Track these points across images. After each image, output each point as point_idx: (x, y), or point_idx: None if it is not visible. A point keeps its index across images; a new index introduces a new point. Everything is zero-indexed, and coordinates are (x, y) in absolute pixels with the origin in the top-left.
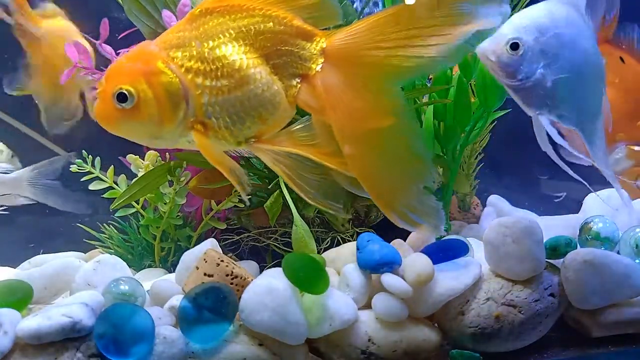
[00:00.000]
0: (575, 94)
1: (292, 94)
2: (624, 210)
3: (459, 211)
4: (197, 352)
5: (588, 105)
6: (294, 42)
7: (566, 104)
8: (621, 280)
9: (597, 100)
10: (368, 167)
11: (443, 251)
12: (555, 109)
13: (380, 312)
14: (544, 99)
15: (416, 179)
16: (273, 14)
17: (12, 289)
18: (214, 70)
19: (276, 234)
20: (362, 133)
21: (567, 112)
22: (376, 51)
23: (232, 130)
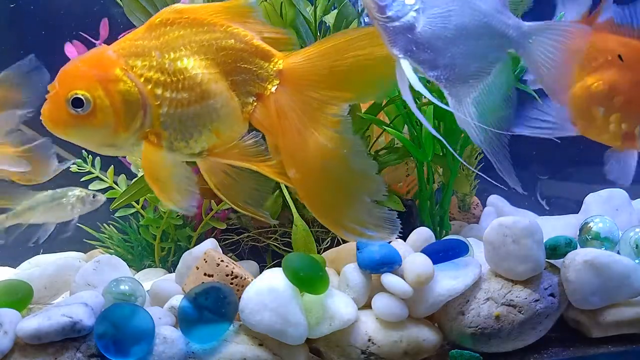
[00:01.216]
0: (449, 49)
1: (247, 111)
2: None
3: (459, 211)
4: (197, 352)
5: (461, 64)
6: (253, 60)
7: (434, 55)
8: (621, 280)
9: (475, 63)
10: (313, 188)
11: (443, 251)
12: (420, 56)
13: (380, 312)
14: (410, 43)
15: (362, 194)
16: (234, 31)
17: (12, 289)
18: (174, 82)
19: (276, 234)
20: (308, 156)
21: (432, 64)
22: (331, 75)
23: (187, 142)
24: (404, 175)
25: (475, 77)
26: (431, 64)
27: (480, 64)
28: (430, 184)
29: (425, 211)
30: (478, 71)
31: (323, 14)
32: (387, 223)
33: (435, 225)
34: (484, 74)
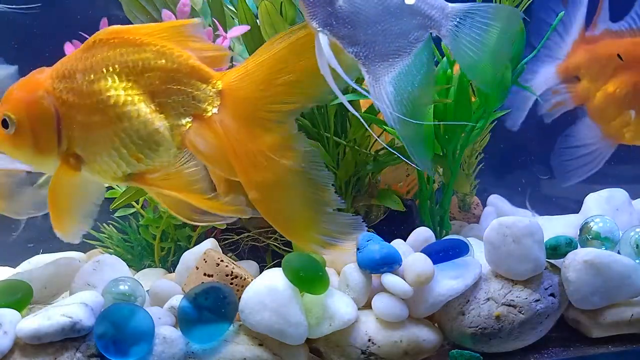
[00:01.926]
0: (369, 26)
1: (179, 134)
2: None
3: (459, 211)
4: (197, 352)
5: (381, 42)
6: (188, 81)
7: (354, 31)
8: (621, 280)
9: (396, 42)
10: (274, 207)
11: (443, 251)
12: (339, 31)
13: (380, 312)
14: (330, 17)
15: (323, 205)
16: (167, 52)
17: (12, 289)
18: (87, 105)
19: (276, 234)
20: (264, 175)
21: (352, 40)
22: (273, 87)
23: (109, 166)
24: (404, 175)
25: (395, 56)
26: (351, 39)
27: (400, 43)
28: (430, 184)
29: (425, 211)
30: (398, 50)
31: None
32: (352, 228)
33: (436, 225)
34: (404, 54)
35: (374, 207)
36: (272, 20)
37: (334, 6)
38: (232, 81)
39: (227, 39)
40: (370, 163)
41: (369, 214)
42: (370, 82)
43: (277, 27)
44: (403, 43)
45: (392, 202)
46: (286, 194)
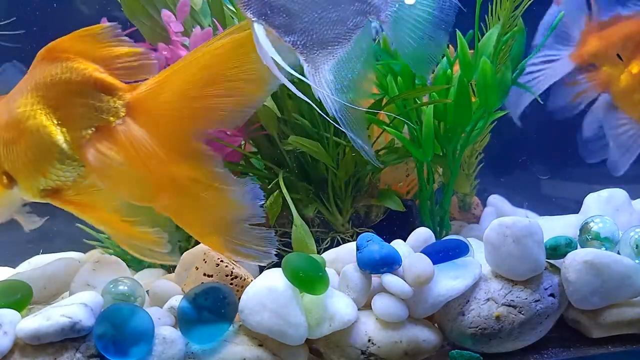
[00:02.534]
0: (306, 14)
1: (81, 146)
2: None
3: (459, 211)
4: (197, 353)
5: (319, 30)
6: (91, 94)
7: (290, 19)
8: (621, 281)
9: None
10: (187, 217)
11: (443, 251)
12: (275, 20)
13: (380, 312)
14: (265, 7)
15: (239, 220)
16: (75, 66)
17: (12, 289)
18: (8, 122)
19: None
20: (175, 184)
21: (288, 29)
22: (181, 102)
23: (28, 182)
24: (404, 175)
25: (334, 43)
26: (287, 28)
27: (339, 30)
28: (430, 184)
29: (425, 211)
30: (337, 37)
31: None
32: (266, 242)
33: (436, 226)
34: (343, 41)
35: (374, 207)
36: None
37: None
38: (141, 93)
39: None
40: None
41: (369, 214)
42: (309, 71)
43: None
44: (342, 30)
45: (392, 202)
46: (199, 207)
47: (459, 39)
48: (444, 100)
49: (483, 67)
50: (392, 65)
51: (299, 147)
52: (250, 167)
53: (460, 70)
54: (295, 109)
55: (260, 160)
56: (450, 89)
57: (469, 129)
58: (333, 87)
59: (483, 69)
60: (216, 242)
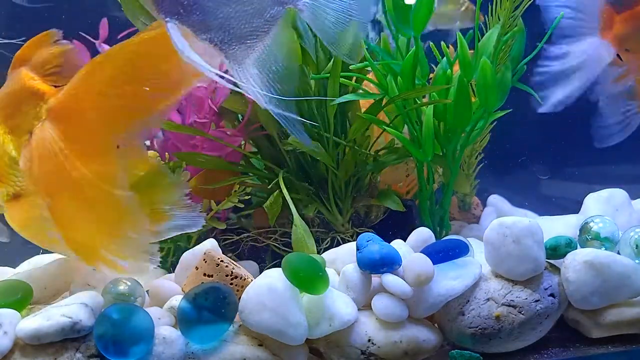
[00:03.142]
0: (220, 9)
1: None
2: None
3: (459, 211)
4: (197, 353)
5: (236, 24)
6: (30, 101)
7: (205, 16)
8: (621, 281)
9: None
10: (70, 220)
11: (443, 251)
12: (189, 19)
13: (380, 312)
14: (177, 6)
15: (126, 229)
16: (19, 75)
17: (12, 289)
18: None
19: (276, 234)
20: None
21: (204, 26)
22: (98, 102)
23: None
24: (404, 175)
25: (253, 37)
26: (202, 26)
27: (257, 23)
28: (430, 184)
29: (425, 211)
30: (255, 30)
31: None
32: (145, 254)
33: (435, 225)
34: (262, 33)
35: (374, 207)
36: None
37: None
38: (61, 95)
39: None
40: (370, 163)
41: (369, 214)
42: (232, 67)
43: None
44: (259, 23)
45: (392, 202)
46: (88, 211)
47: (459, 39)
48: (444, 101)
49: (483, 67)
50: (392, 65)
51: (299, 147)
52: (250, 167)
53: (460, 70)
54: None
55: (260, 160)
56: (450, 89)
57: (468, 129)
58: (259, 80)
59: (483, 69)
60: (94, 252)
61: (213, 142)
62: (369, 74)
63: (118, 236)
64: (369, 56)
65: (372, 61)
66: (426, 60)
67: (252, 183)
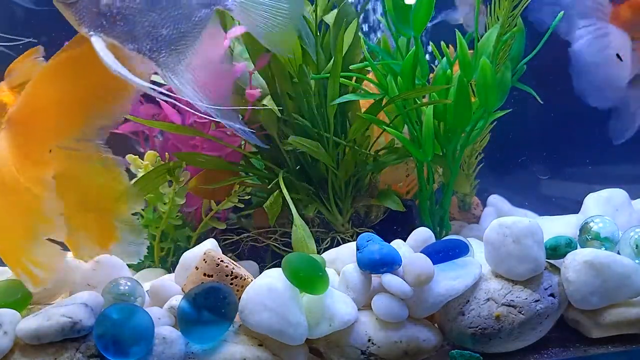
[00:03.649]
0: (145, 18)
1: None
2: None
3: (459, 211)
4: (197, 353)
5: (163, 31)
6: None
7: (129, 27)
8: (621, 281)
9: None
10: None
11: (443, 251)
12: (113, 30)
13: (380, 312)
14: (100, 19)
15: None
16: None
17: (12, 289)
18: None
19: (276, 234)
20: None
21: (129, 37)
22: (44, 112)
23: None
24: (404, 175)
25: (182, 41)
26: (128, 36)
27: (185, 27)
28: (430, 184)
29: (425, 211)
30: (184, 35)
31: (323, 14)
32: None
33: (435, 225)
34: (192, 37)
35: (374, 207)
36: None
37: (100, 6)
38: (15, 104)
39: (227, 39)
40: (370, 163)
41: (369, 214)
42: (165, 75)
43: None
44: (188, 27)
45: (392, 202)
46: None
47: (459, 39)
48: (444, 101)
49: (483, 67)
50: (392, 65)
51: (299, 147)
52: (250, 167)
53: (460, 70)
54: (296, 109)
55: (260, 160)
56: (450, 89)
57: (468, 129)
58: (194, 84)
59: (483, 69)
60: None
61: (213, 142)
62: (369, 74)
63: (34, 240)
64: (369, 56)
65: (372, 61)
66: (426, 60)
67: (252, 183)
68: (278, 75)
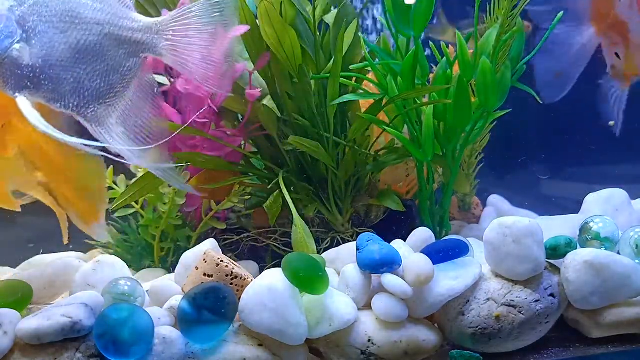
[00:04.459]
0: (70, 75)
1: None
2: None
3: (459, 211)
4: (197, 353)
5: (90, 86)
6: None
7: (54, 85)
8: (621, 281)
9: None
10: None
11: (443, 251)
12: (39, 90)
13: (380, 312)
14: (23, 79)
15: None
16: None
17: (12, 289)
18: None
19: (276, 234)
20: None
21: (55, 95)
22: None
23: None
24: (404, 175)
25: (111, 94)
26: (54, 94)
27: (113, 80)
28: (430, 184)
29: (425, 211)
30: (113, 87)
31: (323, 14)
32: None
33: (435, 225)
34: (122, 89)
35: (374, 207)
36: (272, 21)
37: (22, 67)
38: None
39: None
40: (370, 163)
41: (369, 214)
42: (95, 130)
43: (277, 27)
44: (116, 79)
45: (392, 202)
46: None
47: (458, 39)
48: (444, 101)
49: (483, 67)
50: (392, 65)
51: (299, 147)
52: (250, 167)
53: (460, 70)
54: (296, 109)
55: (260, 160)
56: (450, 89)
57: (468, 129)
58: (126, 138)
59: (483, 69)
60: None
61: (213, 142)
62: (369, 74)
63: None
64: (369, 56)
65: (372, 61)
66: (426, 60)
67: (252, 183)
68: (278, 75)
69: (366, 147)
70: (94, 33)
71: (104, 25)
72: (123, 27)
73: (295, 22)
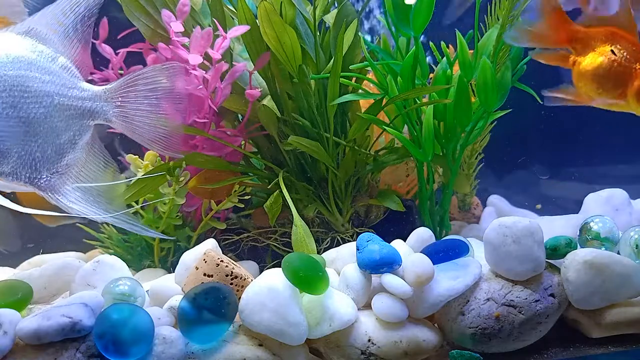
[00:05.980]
0: (16, 149)
1: None
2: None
3: (459, 211)
4: (197, 353)
5: (40, 157)
6: None
7: (6, 158)
8: (621, 281)
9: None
10: None
11: (443, 251)
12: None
13: (380, 312)
14: None
15: None
16: None
17: (12, 289)
18: None
19: (276, 234)
20: None
21: (9, 167)
22: None
23: None
24: (404, 175)
25: (63, 162)
26: (5, 168)
27: (64, 148)
28: (430, 184)
29: (425, 211)
30: (64, 155)
31: (323, 14)
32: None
33: (435, 225)
34: (73, 154)
35: (374, 207)
36: (272, 21)
37: None
38: None
39: (227, 39)
40: (370, 163)
41: (369, 214)
42: (52, 198)
43: (277, 28)
44: (67, 147)
45: (391, 203)
46: None
47: (459, 39)
48: (444, 101)
49: (483, 67)
50: (392, 65)
51: (298, 147)
52: (250, 167)
53: (460, 70)
54: (296, 109)
55: (260, 160)
56: (450, 89)
57: (468, 129)
58: (85, 200)
59: (483, 69)
60: None
61: (213, 142)
62: (369, 74)
63: None
64: (369, 56)
65: (372, 61)
66: (426, 60)
67: (252, 183)
68: (278, 75)
69: (366, 147)
70: (44, 105)
71: (53, 96)
72: (72, 97)
73: (295, 22)
